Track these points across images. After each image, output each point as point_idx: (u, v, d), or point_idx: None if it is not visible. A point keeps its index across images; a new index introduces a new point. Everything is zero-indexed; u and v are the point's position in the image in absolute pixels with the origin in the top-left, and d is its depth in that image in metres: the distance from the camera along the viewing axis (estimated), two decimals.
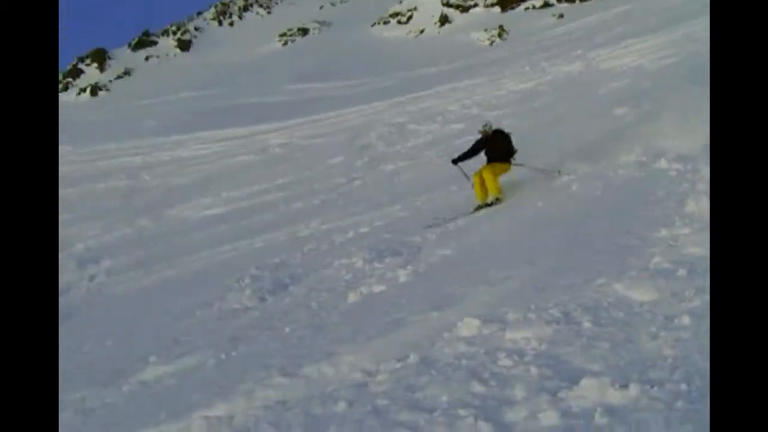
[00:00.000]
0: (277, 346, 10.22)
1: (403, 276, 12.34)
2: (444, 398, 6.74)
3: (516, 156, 17.63)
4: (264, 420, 7.48)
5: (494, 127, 17.91)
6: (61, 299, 18.68)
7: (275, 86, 64.12)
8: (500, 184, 17.20)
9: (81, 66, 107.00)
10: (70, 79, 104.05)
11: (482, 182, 17.19)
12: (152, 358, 11.37)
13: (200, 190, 29.72)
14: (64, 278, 21.38)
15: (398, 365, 7.88)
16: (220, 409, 8.06)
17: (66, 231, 27.25)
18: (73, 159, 41.52)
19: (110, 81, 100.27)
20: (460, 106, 34.11)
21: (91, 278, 21.11)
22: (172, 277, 18.42)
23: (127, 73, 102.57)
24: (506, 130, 17.98)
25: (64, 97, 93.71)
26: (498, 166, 17.46)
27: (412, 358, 7.90)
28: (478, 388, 6.76)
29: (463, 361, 7.49)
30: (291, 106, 48.14)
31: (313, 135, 36.24)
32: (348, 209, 21.01)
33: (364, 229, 17.57)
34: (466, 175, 17.84)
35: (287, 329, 10.95)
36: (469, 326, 8.27)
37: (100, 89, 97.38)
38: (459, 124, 30.30)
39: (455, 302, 9.42)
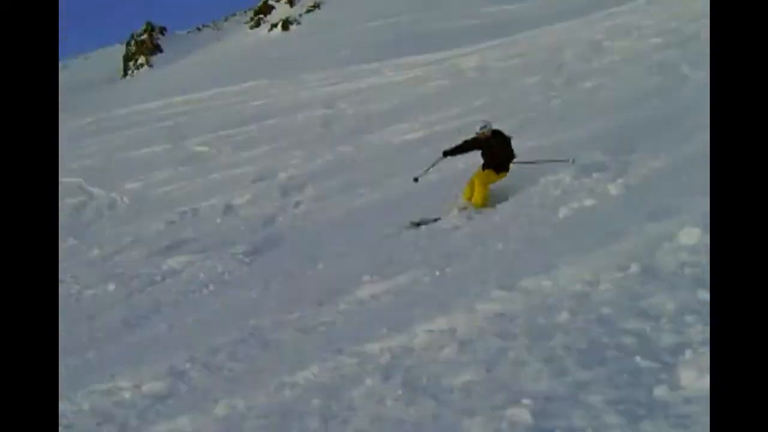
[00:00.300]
0: (492, 261, 10.22)
1: (614, 189, 12.12)
2: (670, 306, 6.60)
3: (514, 160, 16.13)
4: (488, 332, 7.51)
5: (493, 128, 16.31)
6: (268, 227, 19.19)
7: (467, 10, 63.53)
8: (488, 195, 15.68)
9: (271, 2, 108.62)
10: (261, 16, 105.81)
11: (472, 188, 15.91)
12: (366, 278, 11.55)
13: (398, 116, 29.81)
14: (269, 207, 21.93)
15: (620, 275, 7.76)
16: (441, 323, 8.13)
17: (269, 161, 27.93)
18: (271, 92, 42.30)
19: (300, 15, 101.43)
20: (656, 20, 33.07)
21: (296, 205, 21.59)
22: (377, 201, 18.63)
23: (316, 5, 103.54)
24: (506, 133, 16.44)
25: (256, 33, 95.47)
26: (492, 174, 16.05)
27: (634, 267, 7.75)
28: (704, 295, 6.58)
29: (687, 270, 7.32)
30: (483, 29, 47.57)
31: (508, 56, 35.77)
32: (549, 126, 20.75)
33: (567, 147, 17.33)
34: (433, 165, 17.19)
35: (500, 245, 10.94)
36: (690, 235, 8.05)
37: (291, 23, 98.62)
38: (657, 39, 29.33)
39: (672, 213, 9.16)
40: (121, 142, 39.24)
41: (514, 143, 16.04)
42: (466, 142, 16.60)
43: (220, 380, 9.22)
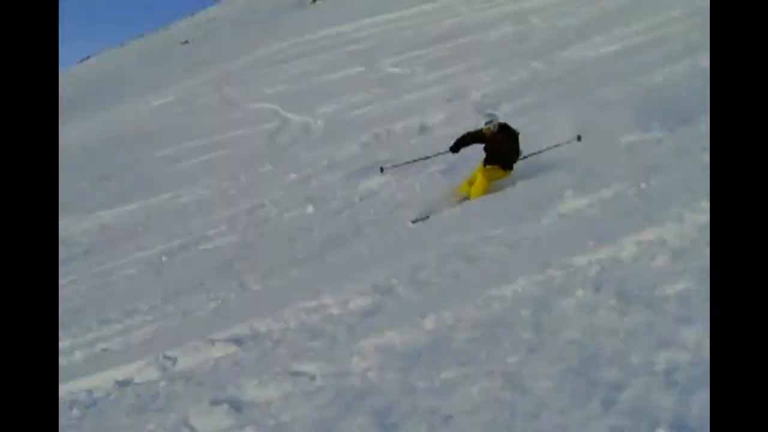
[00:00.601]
0: (698, 172, 9.91)
1: None
2: None
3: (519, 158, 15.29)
4: (700, 241, 7.37)
5: (500, 121, 15.41)
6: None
7: None
8: (488, 190, 14.92)
9: None
10: None
11: (472, 182, 15.27)
12: (567, 192, 11.38)
13: (592, 29, 29.02)
14: (464, 125, 21.83)
15: None
16: (650, 234, 7.99)
17: (462, 80, 27.84)
18: (462, 10, 42.00)
19: None
20: None
21: None
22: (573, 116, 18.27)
23: None
24: (514, 127, 15.42)
25: None
26: (497, 170, 15.22)
27: None
28: None
29: None
30: None
31: None
32: None
33: None
34: (437, 153, 17.24)
35: (705, 156, 10.59)
36: None
37: None
38: None
39: None
40: (315, 67, 39.72)
41: None
42: (469, 134, 15.96)
43: (427, 295, 9.27)
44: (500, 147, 15.18)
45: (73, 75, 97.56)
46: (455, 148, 15.92)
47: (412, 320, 8.18)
